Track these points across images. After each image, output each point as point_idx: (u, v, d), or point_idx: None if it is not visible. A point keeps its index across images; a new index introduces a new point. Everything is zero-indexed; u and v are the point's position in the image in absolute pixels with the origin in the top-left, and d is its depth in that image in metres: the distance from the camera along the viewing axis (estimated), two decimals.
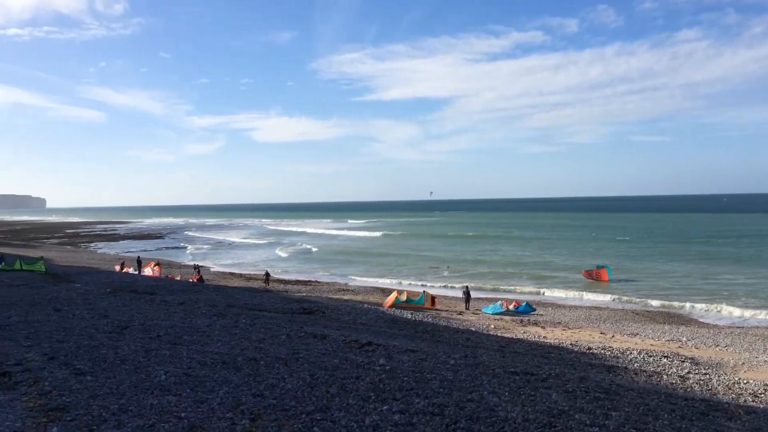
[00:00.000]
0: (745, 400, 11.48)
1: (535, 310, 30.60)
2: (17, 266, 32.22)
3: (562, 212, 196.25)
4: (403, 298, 30.26)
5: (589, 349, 18.41)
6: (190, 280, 37.31)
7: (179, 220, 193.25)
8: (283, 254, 68.44)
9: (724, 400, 10.96)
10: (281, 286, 38.73)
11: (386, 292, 36.50)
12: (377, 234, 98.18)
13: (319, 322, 18.86)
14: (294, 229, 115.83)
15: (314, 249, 74.48)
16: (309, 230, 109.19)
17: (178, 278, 38.97)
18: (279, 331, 13.65)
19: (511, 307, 30.48)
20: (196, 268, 44.11)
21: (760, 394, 12.26)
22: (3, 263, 32.54)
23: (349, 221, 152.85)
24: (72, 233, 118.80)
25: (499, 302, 31.30)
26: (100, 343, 10.57)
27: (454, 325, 23.76)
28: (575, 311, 31.22)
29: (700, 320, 29.62)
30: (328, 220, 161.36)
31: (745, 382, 13.65)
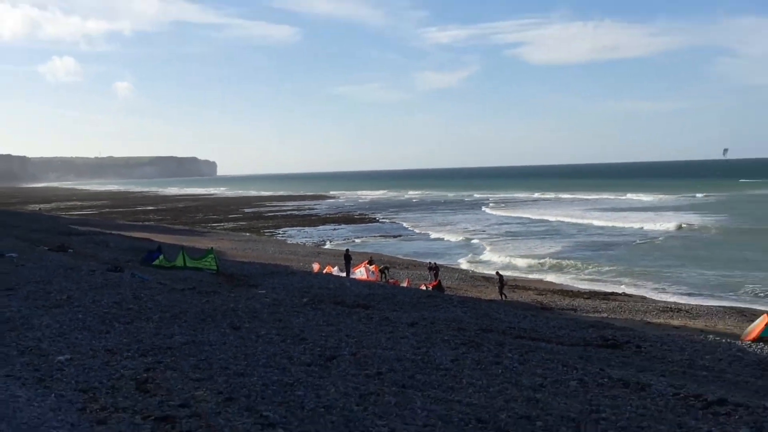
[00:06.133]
0: None
1: None
2: (179, 262, 36.08)
3: None
4: None
5: None
6: (423, 288, 38.83)
7: (414, 192, 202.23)
8: (559, 246, 68.43)
9: None
10: (566, 301, 38.76)
11: (748, 315, 34.79)
12: (712, 218, 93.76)
13: (631, 361, 18.51)
14: (572, 219, 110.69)
15: (619, 241, 73.60)
16: (595, 221, 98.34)
17: (405, 284, 40.80)
18: (566, 374, 13.64)
19: None
20: (433, 269, 45.64)
21: None
22: (161, 257, 36.66)
23: (666, 196, 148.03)
24: (252, 213, 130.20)
25: None
26: (295, 379, 11.43)
27: None
28: None
29: None
30: (649, 196, 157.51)
31: None
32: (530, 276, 52.71)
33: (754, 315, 33.63)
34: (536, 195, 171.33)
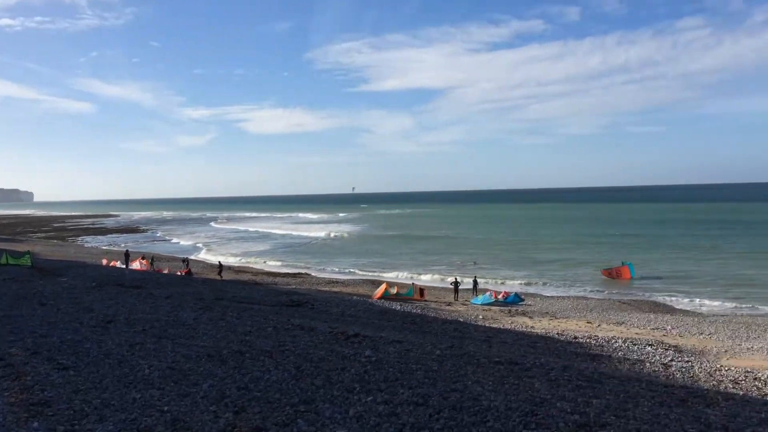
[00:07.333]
0: (726, 387, 11.58)
1: (523, 300, 30.72)
2: (3, 260, 32.00)
3: (557, 203, 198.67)
4: (393, 290, 30.31)
5: (575, 338, 18.55)
6: (179, 273, 37.16)
7: (168, 213, 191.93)
8: (267, 247, 68.43)
9: (705, 387, 11.06)
10: (270, 279, 38.67)
11: (376, 284, 36.54)
12: (353, 228, 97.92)
13: (306, 314, 18.85)
14: (261, 228, 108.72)
15: (301, 243, 74.92)
16: (281, 231, 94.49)
17: (166, 271, 38.78)
18: (266, 323, 13.63)
19: (499, 297, 30.59)
20: (185, 261, 43.95)
21: (741, 380, 12.39)
22: None
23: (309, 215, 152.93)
24: (59, 227, 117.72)
25: (488, 293, 31.41)
26: (84, 337, 10.52)
27: (443, 316, 23.80)
28: (563, 301, 31.40)
29: (685, 309, 29.92)
30: (309, 214, 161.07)
31: (726, 369, 13.79)
32: (247, 264, 52.09)
33: (379, 283, 35.51)
34: (246, 214, 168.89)
